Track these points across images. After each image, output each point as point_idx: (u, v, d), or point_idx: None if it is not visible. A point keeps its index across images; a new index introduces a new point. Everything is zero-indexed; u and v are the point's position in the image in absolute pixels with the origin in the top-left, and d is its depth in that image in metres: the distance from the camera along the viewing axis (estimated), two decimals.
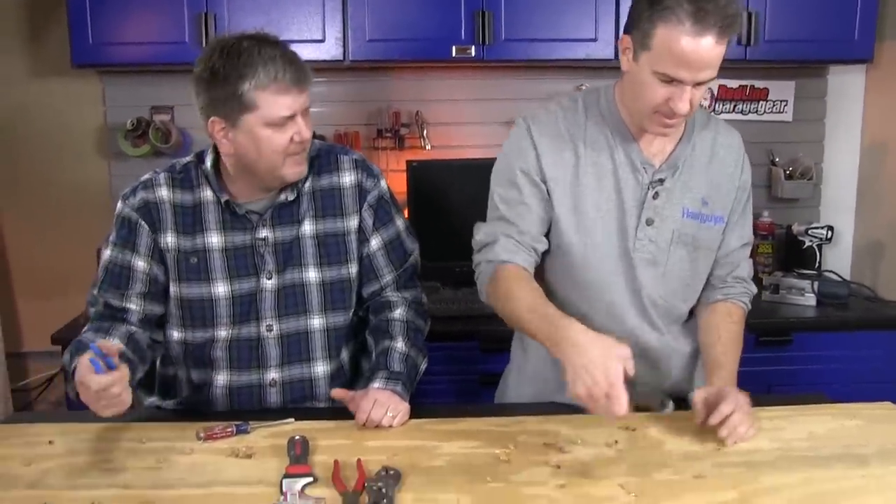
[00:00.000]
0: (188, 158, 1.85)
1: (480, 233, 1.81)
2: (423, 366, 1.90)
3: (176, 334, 1.85)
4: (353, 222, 1.87)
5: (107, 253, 1.82)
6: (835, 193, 3.39)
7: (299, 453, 1.55)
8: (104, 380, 1.47)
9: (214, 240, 1.80)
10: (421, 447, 1.61)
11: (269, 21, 2.81)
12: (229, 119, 1.68)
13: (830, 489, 1.43)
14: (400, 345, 1.85)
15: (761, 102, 3.31)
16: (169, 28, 2.83)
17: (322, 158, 1.87)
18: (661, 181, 1.77)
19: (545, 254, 1.81)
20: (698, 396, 1.67)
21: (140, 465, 1.55)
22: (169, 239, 1.79)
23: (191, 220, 1.80)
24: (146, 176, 1.84)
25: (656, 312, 1.83)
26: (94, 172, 3.25)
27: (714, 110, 3.28)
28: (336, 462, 1.52)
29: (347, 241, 1.87)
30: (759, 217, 3.27)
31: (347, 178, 1.87)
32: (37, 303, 3.33)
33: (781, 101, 3.30)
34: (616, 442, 1.62)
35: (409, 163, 3.05)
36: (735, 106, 3.30)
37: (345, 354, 1.92)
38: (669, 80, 1.58)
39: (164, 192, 1.80)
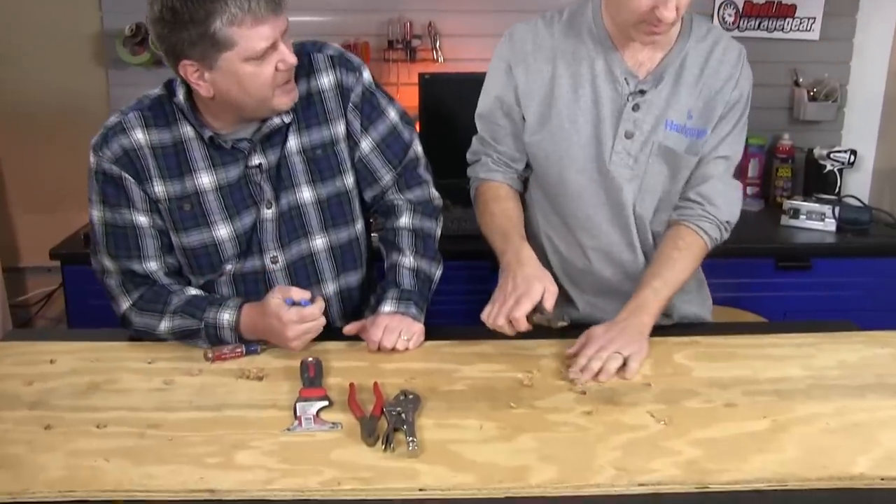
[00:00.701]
0: (156, 91, 1.65)
1: (472, 147, 1.87)
2: (439, 273, 1.79)
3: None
4: (339, 128, 1.70)
5: (96, 214, 1.65)
6: (858, 117, 3.27)
7: (313, 375, 1.49)
8: (314, 310, 1.56)
9: (205, 180, 1.65)
10: (439, 370, 1.55)
11: None
12: (204, 61, 1.50)
13: (865, 419, 1.37)
14: (409, 259, 1.75)
15: (788, 20, 3.16)
16: None
17: None
18: (643, 92, 1.68)
19: (530, 167, 1.82)
20: (575, 347, 1.58)
21: (146, 387, 1.49)
22: (157, 188, 1.63)
23: (174, 161, 1.63)
24: (113, 119, 1.63)
25: (636, 229, 1.77)
26: (91, 81, 3.12)
27: (738, 27, 3.13)
28: (351, 385, 1.46)
29: (338, 151, 1.71)
30: (780, 140, 3.17)
31: (325, 80, 1.68)
32: (34, 217, 3.24)
33: (809, 19, 3.15)
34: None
35: (421, 76, 2.93)
36: (760, 23, 3.15)
37: (362, 267, 1.82)
38: None
39: (139, 136, 1.61)
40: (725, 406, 1.41)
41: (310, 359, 1.54)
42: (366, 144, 1.74)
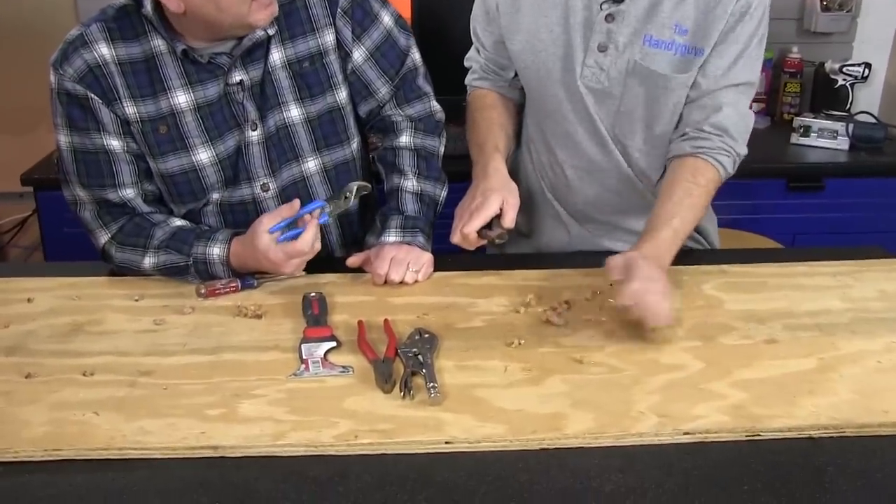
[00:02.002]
0: (121, 1, 1.48)
1: (468, 53, 1.78)
2: (444, 194, 1.66)
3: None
4: (328, 38, 1.55)
5: (63, 139, 1.50)
6: (872, 27, 3.09)
7: (317, 313, 1.37)
8: (302, 245, 1.42)
9: (182, 99, 1.49)
10: (454, 305, 1.43)
11: None
12: None
13: None
14: (411, 182, 1.61)
15: None
16: None
17: None
18: (618, 1, 1.51)
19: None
20: (613, 263, 1.36)
21: (134, 328, 1.36)
22: (128, 108, 1.47)
23: (146, 78, 1.47)
24: (73, 32, 1.47)
25: (617, 147, 1.63)
26: None
27: None
28: (360, 323, 1.34)
29: (327, 63, 1.56)
30: (788, 53, 3.02)
31: None
32: (3, 140, 3.04)
33: None
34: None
35: None
36: None
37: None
38: None
39: (104, 50, 1.45)
40: (766, 342, 1.31)
41: (312, 294, 1.41)
42: (358, 54, 1.58)
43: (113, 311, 1.42)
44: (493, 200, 1.47)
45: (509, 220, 1.47)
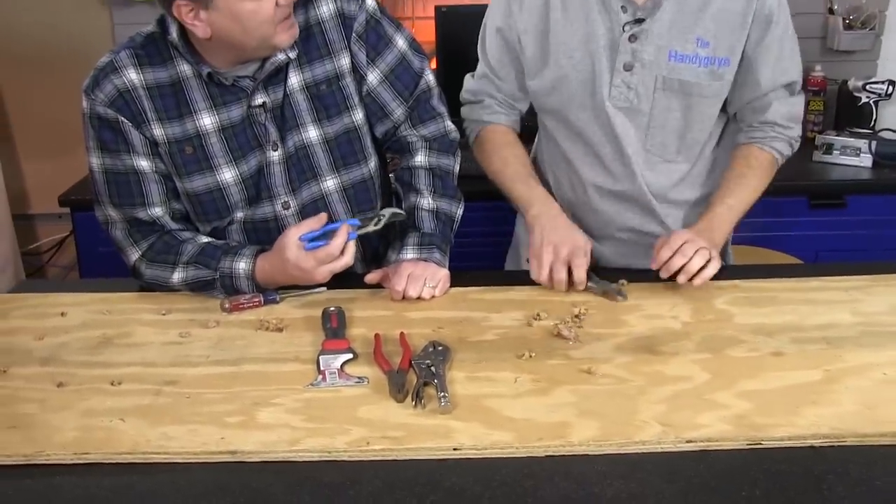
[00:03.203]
0: (148, 28, 1.56)
1: (467, 87, 1.81)
2: (460, 211, 1.71)
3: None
4: (344, 61, 1.60)
5: (95, 161, 1.57)
6: None
7: (336, 326, 1.42)
8: (331, 249, 1.48)
9: (207, 121, 1.56)
10: (468, 319, 1.47)
11: None
12: (199, 0, 1.40)
13: None
14: (427, 200, 1.66)
15: None
16: None
17: None
18: (640, 21, 1.58)
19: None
20: (658, 244, 1.55)
21: (161, 340, 1.43)
22: (156, 130, 1.55)
23: (173, 101, 1.55)
24: (104, 59, 1.55)
25: (641, 168, 1.69)
26: (94, 20, 3.00)
27: None
28: (377, 336, 1.38)
29: (343, 86, 1.61)
30: (811, 71, 3.03)
31: (325, 9, 1.58)
32: (42, 162, 3.15)
33: None
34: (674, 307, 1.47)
35: (437, 9, 2.80)
36: None
37: (378, 206, 1.72)
38: None
39: (133, 75, 1.53)
40: (773, 355, 1.34)
41: (332, 308, 1.47)
42: (373, 77, 1.63)
43: (141, 324, 1.48)
44: (579, 242, 1.57)
45: (585, 263, 1.56)
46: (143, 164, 1.56)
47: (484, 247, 2.03)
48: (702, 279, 1.49)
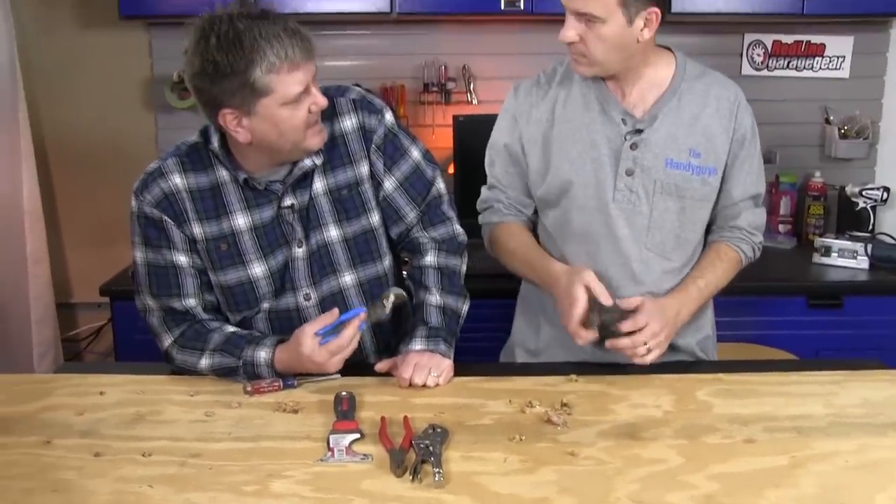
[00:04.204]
0: (192, 138, 1.76)
1: (481, 197, 1.99)
2: (466, 308, 1.86)
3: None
4: (363, 169, 1.77)
5: (139, 255, 1.75)
6: (891, 153, 3.28)
7: (346, 409, 1.56)
8: (342, 341, 1.63)
9: (241, 221, 1.73)
10: (467, 405, 1.61)
11: None
12: (243, 108, 1.58)
13: (886, 457, 1.40)
14: (435, 296, 1.81)
15: (817, 58, 3.20)
16: None
17: None
18: (639, 132, 1.77)
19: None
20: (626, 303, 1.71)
21: (188, 418, 1.57)
22: (195, 229, 1.72)
23: (211, 203, 1.73)
24: (152, 165, 1.74)
25: (638, 265, 1.82)
26: (140, 124, 3.25)
27: (767, 67, 3.18)
28: (383, 419, 1.52)
29: (362, 191, 1.78)
30: (812, 177, 3.19)
31: (349, 122, 1.76)
32: (85, 254, 3.36)
33: (838, 57, 3.19)
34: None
35: (455, 118, 3.02)
36: (789, 62, 3.20)
37: None
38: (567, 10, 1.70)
39: (177, 180, 1.71)
40: (745, 442, 1.45)
41: (343, 393, 1.61)
42: (389, 184, 1.81)
43: (171, 403, 1.63)
44: (578, 291, 1.67)
45: (605, 297, 1.68)
46: (182, 259, 1.74)
47: (489, 341, 2.16)
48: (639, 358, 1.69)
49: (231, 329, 1.77)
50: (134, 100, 3.25)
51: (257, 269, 1.76)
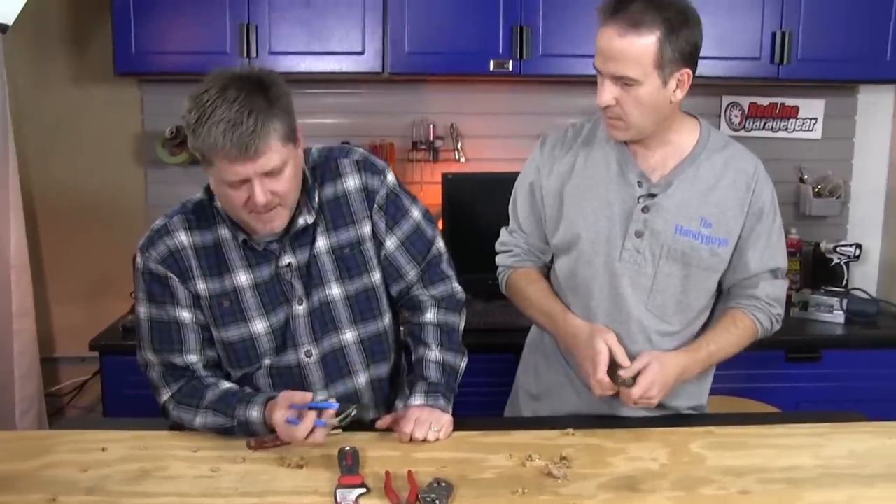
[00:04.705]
0: (198, 196, 1.80)
1: (501, 239, 2.03)
2: (464, 364, 1.89)
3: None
4: (366, 228, 1.81)
5: (143, 311, 1.78)
6: (863, 211, 3.41)
7: (350, 464, 1.58)
8: (298, 431, 1.60)
9: (243, 279, 1.77)
10: (468, 459, 1.64)
11: (310, 33, 2.88)
12: (202, 166, 1.64)
13: None
14: (434, 353, 1.85)
15: (791, 120, 3.33)
16: (211, 38, 2.87)
17: (322, 166, 1.80)
18: (653, 196, 1.81)
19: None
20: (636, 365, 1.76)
21: (194, 474, 1.59)
22: (199, 286, 1.76)
23: (215, 261, 1.76)
24: (158, 223, 1.78)
25: (636, 325, 1.86)
26: (130, 179, 3.29)
27: (745, 127, 3.31)
28: (387, 473, 1.55)
29: (364, 250, 1.82)
30: (787, 234, 3.28)
31: (351, 183, 1.80)
32: (70, 308, 3.36)
33: (811, 119, 3.33)
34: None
35: (444, 175, 3.09)
36: (765, 123, 3.33)
37: (391, 357, 1.91)
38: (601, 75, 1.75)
39: (183, 238, 1.75)
40: (740, 493, 1.50)
41: (347, 448, 1.63)
42: (391, 243, 1.85)
43: (175, 459, 1.65)
44: (601, 345, 1.74)
45: (624, 358, 1.74)
46: (185, 315, 1.77)
47: (483, 396, 2.20)
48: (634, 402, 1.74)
49: (226, 386, 1.78)
50: (124, 155, 3.30)
51: (259, 326, 1.79)
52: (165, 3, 2.86)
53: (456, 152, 3.21)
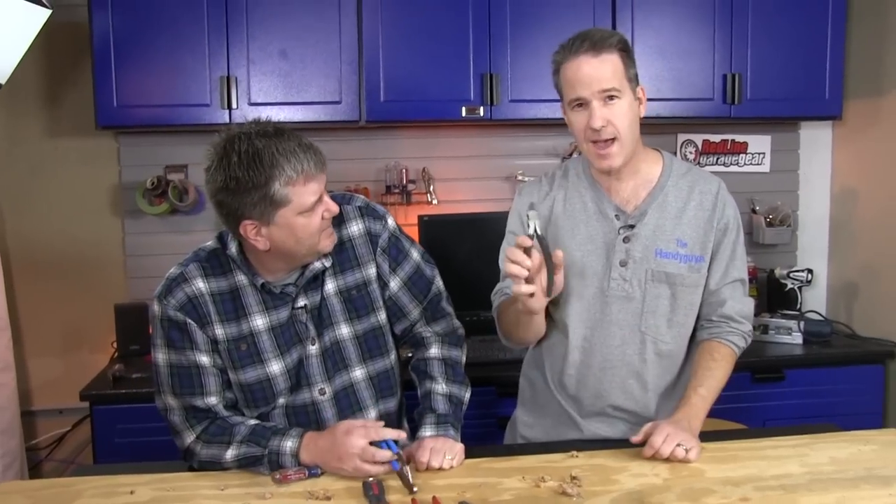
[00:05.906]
0: (210, 244, 1.89)
1: (495, 288, 2.10)
2: (468, 395, 2.00)
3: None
4: (370, 271, 1.92)
5: (161, 357, 1.84)
6: (810, 238, 3.64)
7: (377, 493, 1.66)
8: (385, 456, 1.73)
9: (259, 322, 1.85)
10: (485, 484, 1.73)
11: (288, 84, 2.97)
12: (263, 219, 1.72)
13: None
14: (441, 385, 1.95)
15: (741, 155, 3.55)
16: (193, 91, 2.96)
17: None
18: (632, 227, 1.96)
19: None
20: (642, 433, 1.85)
21: None
22: (217, 331, 1.83)
23: (231, 306, 1.84)
24: (174, 271, 1.85)
25: (632, 347, 1.99)
26: (107, 230, 3.33)
27: (699, 163, 3.51)
28: (413, 500, 1.63)
29: (370, 291, 1.92)
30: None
31: (355, 228, 1.91)
32: (47, 360, 3.36)
33: (759, 154, 3.55)
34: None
35: (420, 217, 3.20)
36: (718, 158, 3.54)
37: (398, 392, 2.00)
38: (580, 103, 1.88)
39: (200, 284, 1.83)
40: (741, 501, 1.62)
41: (371, 479, 1.71)
42: (394, 284, 1.96)
43: (204, 498, 1.70)
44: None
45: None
46: (205, 359, 1.84)
47: (468, 429, 2.28)
48: (687, 460, 1.80)
49: (253, 422, 1.86)
50: (101, 206, 3.33)
51: (275, 367, 1.87)
52: (146, 58, 2.94)
53: (428, 195, 3.32)
